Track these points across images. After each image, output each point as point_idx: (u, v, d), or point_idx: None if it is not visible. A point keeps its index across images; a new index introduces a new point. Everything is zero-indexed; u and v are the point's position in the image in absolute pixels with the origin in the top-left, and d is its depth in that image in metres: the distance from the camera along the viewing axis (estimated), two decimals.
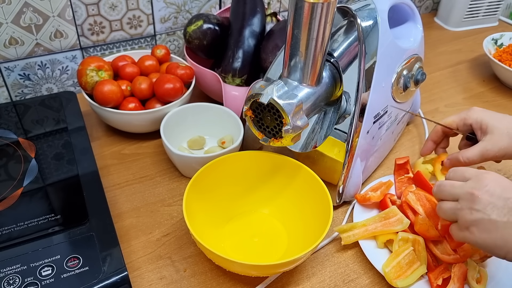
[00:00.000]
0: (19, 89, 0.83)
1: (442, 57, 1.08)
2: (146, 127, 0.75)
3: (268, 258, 0.59)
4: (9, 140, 0.65)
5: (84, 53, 0.85)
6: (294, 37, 0.52)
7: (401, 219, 0.59)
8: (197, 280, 0.57)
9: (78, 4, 0.79)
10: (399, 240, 0.59)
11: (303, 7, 0.49)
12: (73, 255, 0.50)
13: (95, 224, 0.54)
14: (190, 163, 0.67)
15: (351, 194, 0.66)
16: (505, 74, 0.95)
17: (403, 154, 0.78)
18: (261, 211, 0.65)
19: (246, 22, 0.79)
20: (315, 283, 0.57)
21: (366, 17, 0.60)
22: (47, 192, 0.58)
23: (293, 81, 0.55)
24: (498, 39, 1.03)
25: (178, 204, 0.67)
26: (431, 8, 1.28)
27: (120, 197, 0.67)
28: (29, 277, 0.47)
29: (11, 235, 0.52)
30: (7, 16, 0.74)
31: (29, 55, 0.80)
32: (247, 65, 0.78)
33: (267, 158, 0.64)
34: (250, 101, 0.54)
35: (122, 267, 0.49)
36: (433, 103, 0.92)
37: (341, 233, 0.61)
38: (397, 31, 0.71)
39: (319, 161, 0.63)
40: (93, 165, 0.62)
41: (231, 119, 0.72)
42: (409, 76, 0.68)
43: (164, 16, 0.88)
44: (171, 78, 0.73)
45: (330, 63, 0.60)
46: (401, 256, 0.57)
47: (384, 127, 0.68)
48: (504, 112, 0.89)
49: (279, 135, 0.54)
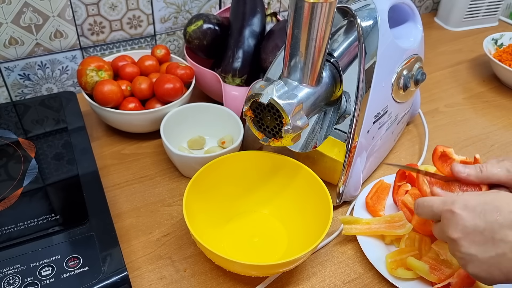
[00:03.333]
0: (19, 89, 0.83)
1: (442, 57, 1.08)
2: (146, 127, 0.75)
3: (268, 258, 0.59)
4: (9, 140, 0.65)
5: (84, 53, 0.85)
6: (294, 37, 0.52)
7: (405, 224, 0.59)
8: (197, 280, 0.57)
9: (78, 4, 0.79)
10: (406, 238, 0.59)
11: (303, 7, 0.49)
12: (73, 255, 0.50)
13: (95, 224, 0.54)
14: (190, 163, 0.67)
15: (351, 194, 0.66)
16: (505, 74, 0.95)
17: (403, 154, 0.78)
18: (261, 211, 0.65)
19: (246, 22, 0.79)
20: (315, 283, 0.57)
21: (366, 17, 0.60)
22: (47, 192, 0.58)
23: (293, 81, 0.55)
24: (498, 39, 1.03)
25: (178, 204, 0.67)
26: (431, 8, 1.28)
27: (120, 197, 0.67)
28: (29, 277, 0.47)
29: (11, 235, 0.52)
30: (7, 16, 0.74)
31: (29, 55, 0.80)
32: (247, 65, 0.78)
33: (267, 158, 0.64)
34: (250, 101, 0.54)
35: (122, 267, 0.49)
36: (433, 103, 0.92)
37: (344, 224, 0.61)
38: (397, 31, 0.71)
39: (319, 161, 0.63)
40: (93, 165, 0.62)
41: (231, 119, 0.72)
42: (409, 76, 0.68)
43: (164, 16, 0.88)
44: (171, 78, 0.73)
45: (330, 63, 0.60)
46: (406, 255, 0.57)
47: (384, 127, 0.68)
48: (503, 112, 0.90)
49: (279, 135, 0.54)
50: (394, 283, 0.56)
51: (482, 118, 0.88)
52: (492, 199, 0.45)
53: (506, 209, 0.43)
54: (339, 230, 0.63)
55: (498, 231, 0.43)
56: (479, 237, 0.44)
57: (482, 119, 0.88)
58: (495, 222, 0.43)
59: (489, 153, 0.79)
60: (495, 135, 0.84)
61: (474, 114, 0.90)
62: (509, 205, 0.43)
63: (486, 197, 0.45)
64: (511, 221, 0.42)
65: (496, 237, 0.43)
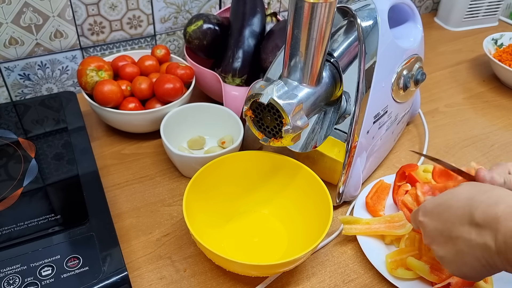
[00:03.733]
0: (19, 89, 0.83)
1: (442, 57, 1.08)
2: (146, 127, 0.75)
3: (268, 258, 0.59)
4: (9, 140, 0.65)
5: (84, 53, 0.85)
6: (294, 37, 0.52)
7: (405, 224, 0.59)
8: (197, 280, 0.57)
9: (78, 4, 0.79)
10: (406, 238, 0.59)
11: (303, 7, 0.49)
12: (73, 255, 0.50)
13: (95, 224, 0.54)
14: (190, 163, 0.67)
15: (351, 194, 0.66)
16: (505, 74, 0.95)
17: (403, 154, 0.78)
18: (261, 211, 0.65)
19: (246, 22, 0.79)
20: (315, 283, 0.57)
21: (366, 17, 0.60)
22: (47, 192, 0.58)
23: (293, 81, 0.55)
24: (498, 39, 1.03)
25: (178, 204, 0.67)
26: (431, 8, 1.28)
27: (120, 197, 0.67)
28: (29, 277, 0.47)
29: (11, 235, 0.52)
30: (7, 16, 0.74)
31: (29, 55, 0.80)
32: (247, 65, 0.78)
33: (267, 158, 0.64)
34: (250, 101, 0.54)
35: (122, 267, 0.49)
36: (433, 103, 0.92)
37: (344, 223, 0.61)
38: (397, 31, 0.71)
39: (319, 161, 0.63)
40: (93, 165, 0.62)
41: (231, 119, 0.72)
42: (409, 76, 0.68)
43: (164, 16, 0.88)
44: (171, 78, 0.73)
45: (330, 63, 0.60)
46: (406, 255, 0.57)
47: (384, 127, 0.68)
48: (503, 112, 0.90)
49: (279, 135, 0.54)
50: (394, 283, 0.56)
51: (482, 118, 0.88)
52: (447, 198, 0.45)
53: (455, 205, 0.43)
54: (339, 230, 0.63)
55: (452, 228, 0.43)
56: (441, 238, 0.44)
57: (482, 119, 0.88)
58: (448, 220, 0.43)
59: (489, 153, 0.79)
60: (495, 135, 0.84)
61: (474, 114, 0.90)
62: (458, 201, 0.43)
63: (442, 197, 0.46)
64: (461, 216, 0.42)
65: (453, 235, 0.43)
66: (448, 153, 0.79)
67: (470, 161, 0.62)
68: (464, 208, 0.42)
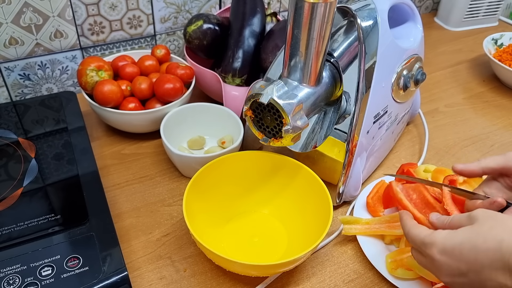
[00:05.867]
0: (19, 89, 0.83)
1: (442, 57, 1.08)
2: (146, 127, 0.75)
3: (268, 258, 0.59)
4: (9, 140, 0.65)
5: (84, 53, 0.85)
6: (294, 37, 0.52)
7: None
8: (197, 280, 0.57)
9: (78, 4, 0.79)
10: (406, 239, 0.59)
11: (303, 7, 0.49)
12: (73, 255, 0.50)
13: (95, 224, 0.54)
14: (190, 163, 0.67)
15: (351, 194, 0.66)
16: (505, 74, 0.95)
17: (403, 154, 0.78)
18: (261, 211, 0.65)
19: (246, 22, 0.79)
20: (315, 283, 0.57)
21: (366, 17, 0.60)
22: (47, 192, 0.58)
23: (293, 81, 0.55)
24: (498, 39, 1.03)
25: (178, 204, 0.67)
26: (431, 8, 1.28)
27: (120, 197, 0.67)
28: (29, 277, 0.47)
29: (11, 235, 0.52)
30: (7, 16, 0.74)
31: (29, 55, 0.80)
32: (247, 65, 0.78)
33: (267, 158, 0.64)
34: (250, 101, 0.54)
35: (122, 267, 0.49)
36: (433, 103, 0.92)
37: (344, 224, 0.61)
38: (397, 31, 0.71)
39: (319, 161, 0.63)
40: (93, 165, 0.62)
41: (231, 119, 0.72)
42: (409, 76, 0.68)
43: (164, 16, 0.88)
44: (171, 78, 0.73)
45: (330, 63, 0.60)
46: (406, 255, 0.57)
47: (384, 127, 0.68)
48: (503, 112, 0.90)
49: (279, 135, 0.54)
50: (394, 283, 0.56)
51: (482, 118, 0.88)
52: (469, 237, 0.43)
53: (482, 247, 0.41)
54: (339, 230, 0.63)
55: (481, 271, 0.41)
56: (464, 279, 0.43)
57: (482, 119, 0.88)
58: (475, 263, 0.42)
59: (489, 153, 0.79)
60: (495, 135, 0.84)
61: (474, 114, 0.90)
62: (485, 241, 0.41)
63: (462, 235, 0.43)
64: (492, 260, 0.41)
65: (482, 278, 0.41)
66: (448, 153, 0.79)
67: (470, 161, 0.62)
68: (494, 253, 0.41)
